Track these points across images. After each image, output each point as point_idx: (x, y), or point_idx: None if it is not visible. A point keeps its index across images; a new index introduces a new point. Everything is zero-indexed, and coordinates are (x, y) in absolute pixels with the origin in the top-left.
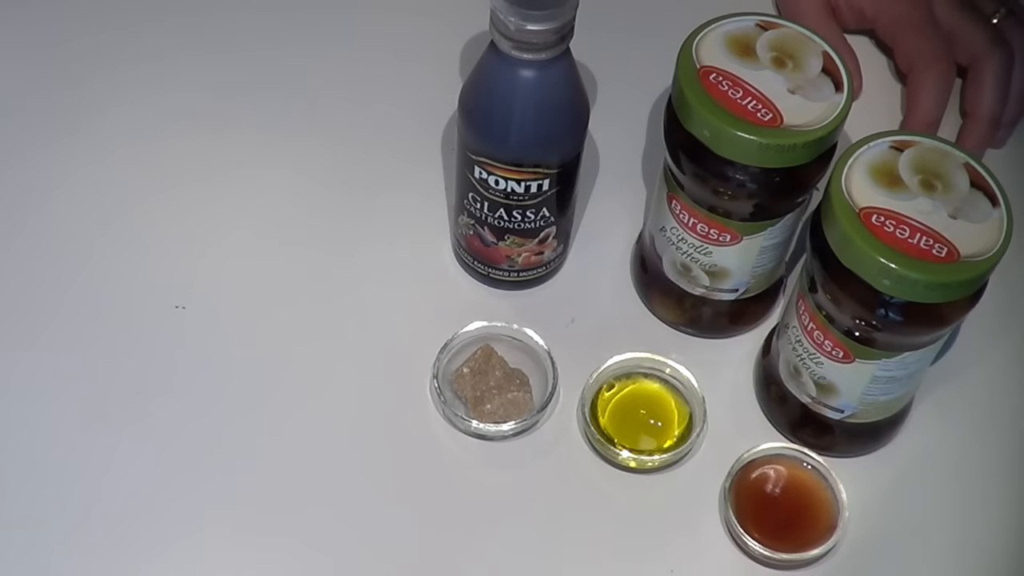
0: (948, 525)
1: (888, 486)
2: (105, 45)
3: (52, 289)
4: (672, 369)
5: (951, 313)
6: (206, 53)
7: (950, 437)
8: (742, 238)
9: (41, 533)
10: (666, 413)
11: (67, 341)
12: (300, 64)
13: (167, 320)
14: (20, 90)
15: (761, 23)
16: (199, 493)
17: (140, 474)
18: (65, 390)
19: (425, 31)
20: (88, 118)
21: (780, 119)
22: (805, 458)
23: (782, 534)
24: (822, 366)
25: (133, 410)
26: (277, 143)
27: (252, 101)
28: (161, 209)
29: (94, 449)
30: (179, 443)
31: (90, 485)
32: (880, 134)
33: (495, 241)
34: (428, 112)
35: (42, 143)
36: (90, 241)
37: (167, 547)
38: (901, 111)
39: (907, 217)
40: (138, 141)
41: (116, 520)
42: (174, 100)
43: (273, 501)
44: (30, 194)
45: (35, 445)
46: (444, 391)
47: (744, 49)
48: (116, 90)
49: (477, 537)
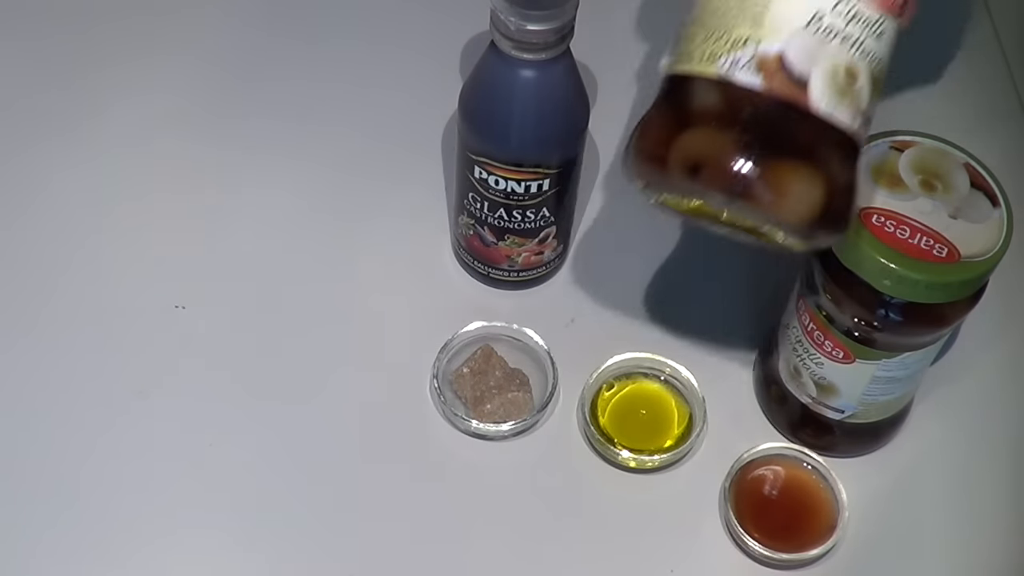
0: (948, 525)
1: (888, 486)
2: (105, 43)
3: (52, 289)
4: (672, 369)
5: (951, 313)
6: (207, 52)
7: (950, 437)
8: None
9: (41, 533)
10: (666, 413)
11: (67, 341)
12: (300, 64)
13: (167, 320)
14: (19, 88)
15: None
16: (199, 493)
17: (140, 474)
18: (65, 390)
19: (425, 31)
20: (88, 116)
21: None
22: (805, 458)
23: (782, 534)
24: (822, 366)
25: (133, 410)
26: (277, 143)
27: (252, 101)
28: (161, 209)
29: (94, 449)
30: (179, 443)
31: (90, 485)
32: (880, 134)
33: (495, 241)
34: (428, 112)
35: (42, 142)
36: (90, 241)
37: (167, 546)
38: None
39: (907, 217)
40: (138, 140)
41: (116, 520)
42: (175, 99)
43: (273, 501)
44: (29, 193)
45: (35, 445)
46: (444, 391)
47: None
48: (116, 88)
49: (477, 537)
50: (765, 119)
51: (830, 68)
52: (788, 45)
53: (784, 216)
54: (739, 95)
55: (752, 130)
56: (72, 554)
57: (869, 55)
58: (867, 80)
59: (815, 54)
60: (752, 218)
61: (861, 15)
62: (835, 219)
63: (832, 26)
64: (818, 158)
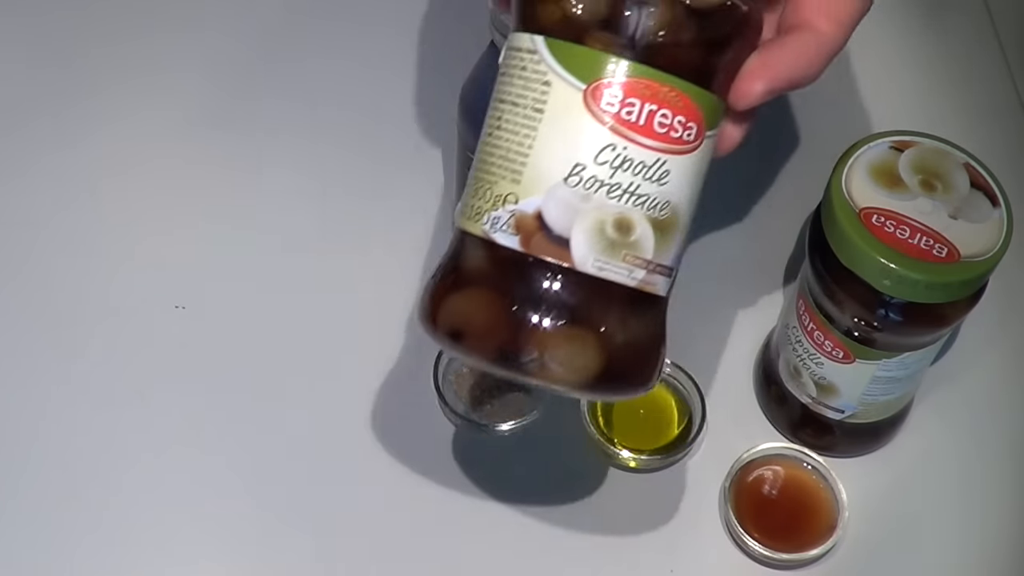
0: (948, 525)
1: (888, 486)
2: (106, 41)
3: (51, 288)
4: (672, 369)
5: (951, 313)
6: (207, 52)
7: (950, 437)
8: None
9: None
10: (666, 413)
11: (66, 341)
12: (300, 64)
13: (167, 320)
14: (19, 88)
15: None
16: (200, 493)
17: (140, 474)
18: (65, 390)
19: (425, 31)
20: (88, 117)
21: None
22: (805, 458)
23: (782, 534)
24: (822, 366)
25: (133, 410)
26: (278, 143)
27: (253, 101)
28: (161, 209)
29: (94, 449)
30: (179, 443)
31: (90, 485)
32: (880, 134)
33: None
34: (428, 112)
35: (41, 141)
36: (89, 240)
37: (167, 546)
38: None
39: (907, 217)
40: (138, 140)
41: (116, 520)
42: (175, 99)
43: (273, 500)
44: (29, 193)
45: (34, 445)
46: (444, 391)
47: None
48: (116, 87)
49: (476, 537)
50: (528, 282)
51: (595, 223)
52: (546, 202)
53: (550, 382)
54: (503, 256)
55: (515, 294)
56: (71, 553)
57: (647, 201)
58: (648, 228)
59: (577, 209)
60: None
61: (632, 161)
62: (619, 379)
63: (595, 177)
64: (588, 320)
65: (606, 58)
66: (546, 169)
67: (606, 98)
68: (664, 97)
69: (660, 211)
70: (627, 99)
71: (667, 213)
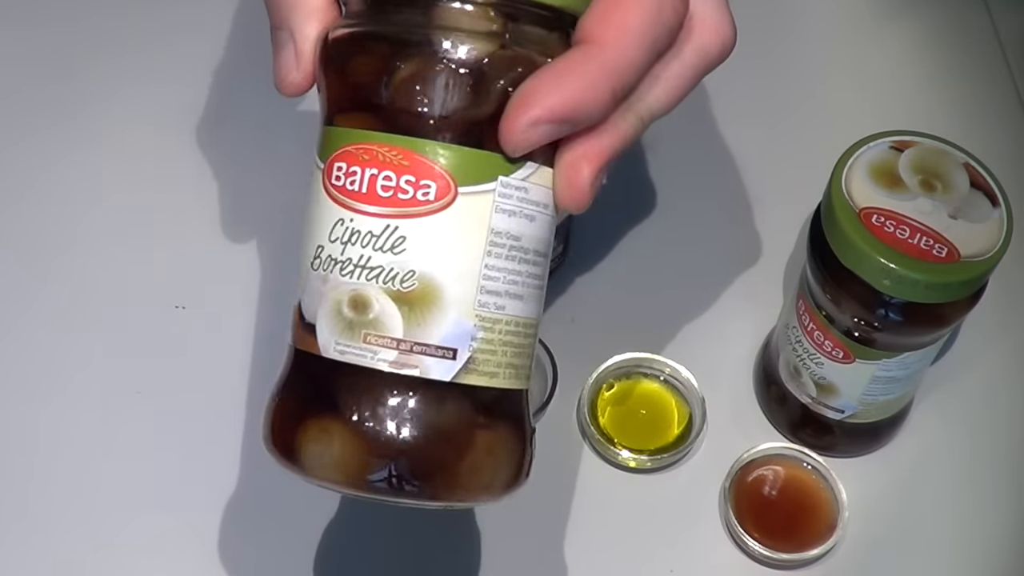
0: (948, 525)
1: (888, 486)
2: (106, 38)
3: (51, 288)
4: (672, 369)
5: (951, 313)
6: (207, 48)
7: (950, 437)
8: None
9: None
10: (666, 413)
11: (66, 341)
12: None
13: (167, 320)
14: (18, 81)
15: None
16: (199, 493)
17: (139, 474)
18: (64, 390)
19: None
20: (87, 112)
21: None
22: (805, 458)
23: (782, 534)
24: (822, 366)
25: (133, 410)
26: (277, 141)
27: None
28: (161, 208)
29: (93, 449)
30: (179, 443)
31: (89, 484)
32: (880, 134)
33: None
34: None
35: (40, 139)
36: (89, 240)
37: (167, 546)
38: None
39: (907, 217)
40: (138, 139)
41: (116, 520)
42: (174, 96)
43: (273, 500)
44: (29, 192)
45: (34, 445)
46: None
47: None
48: (115, 84)
49: (475, 537)
50: (306, 379)
51: (333, 305)
52: (302, 293)
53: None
54: (293, 359)
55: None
56: (70, 553)
57: (382, 273)
58: (389, 303)
59: (320, 294)
60: None
61: (359, 232)
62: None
63: (331, 256)
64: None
65: (339, 132)
66: (303, 259)
67: (334, 172)
68: (383, 159)
69: (403, 283)
70: (350, 168)
71: (413, 284)
